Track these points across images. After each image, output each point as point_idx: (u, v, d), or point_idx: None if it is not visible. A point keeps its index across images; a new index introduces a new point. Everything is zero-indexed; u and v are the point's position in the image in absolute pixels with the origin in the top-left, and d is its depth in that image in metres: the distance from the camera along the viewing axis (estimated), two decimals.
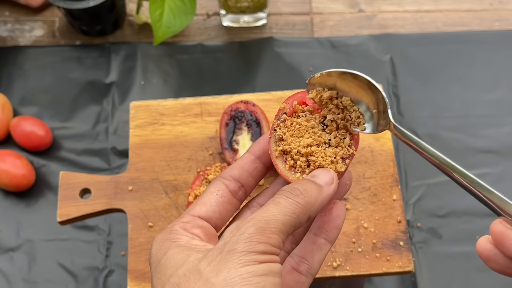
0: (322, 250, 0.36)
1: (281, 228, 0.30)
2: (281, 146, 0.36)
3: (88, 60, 0.87)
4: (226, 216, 0.35)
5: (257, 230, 0.29)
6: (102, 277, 0.73)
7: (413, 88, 0.84)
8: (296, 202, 0.31)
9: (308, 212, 0.32)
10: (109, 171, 0.78)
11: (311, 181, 0.33)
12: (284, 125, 0.37)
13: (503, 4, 0.91)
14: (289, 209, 0.31)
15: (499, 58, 0.86)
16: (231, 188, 0.35)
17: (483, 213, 0.76)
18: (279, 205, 0.31)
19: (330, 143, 0.36)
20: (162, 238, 0.32)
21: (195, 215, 0.34)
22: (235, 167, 0.36)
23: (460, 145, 0.80)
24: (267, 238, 0.29)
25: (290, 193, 0.32)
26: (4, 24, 0.90)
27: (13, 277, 0.73)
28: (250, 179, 0.36)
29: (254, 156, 0.37)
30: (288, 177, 0.36)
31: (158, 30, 0.76)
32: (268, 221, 0.30)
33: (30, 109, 0.83)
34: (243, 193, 0.36)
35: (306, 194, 0.32)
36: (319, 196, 0.32)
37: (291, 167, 0.36)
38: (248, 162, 0.36)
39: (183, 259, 0.30)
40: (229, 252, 0.28)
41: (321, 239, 0.36)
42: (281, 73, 0.85)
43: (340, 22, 0.90)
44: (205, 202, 0.34)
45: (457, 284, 0.72)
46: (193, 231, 0.33)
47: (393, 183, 0.61)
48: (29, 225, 0.76)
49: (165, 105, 0.65)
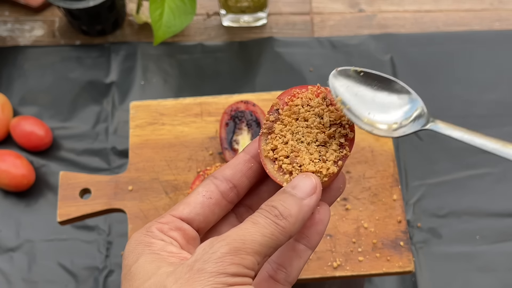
0: (302, 258, 0.33)
1: (257, 250, 0.28)
2: (270, 145, 0.35)
3: (88, 60, 0.86)
4: (211, 219, 0.33)
5: (230, 250, 0.27)
6: (102, 277, 0.73)
7: (413, 88, 0.83)
8: (276, 224, 0.29)
9: (289, 233, 0.30)
10: (109, 171, 0.78)
11: (290, 195, 0.31)
12: (275, 122, 0.35)
13: (504, 4, 0.91)
14: (268, 231, 0.29)
15: (499, 58, 0.86)
16: (221, 189, 0.33)
17: (483, 213, 0.76)
18: (257, 225, 0.29)
19: (322, 143, 0.35)
20: (136, 240, 0.31)
21: (176, 216, 0.32)
22: (228, 166, 0.34)
23: (461, 145, 0.79)
24: (240, 259, 0.27)
25: (269, 213, 0.30)
26: (4, 24, 0.90)
27: (13, 277, 0.72)
28: (244, 179, 0.34)
29: (249, 155, 0.35)
30: (276, 178, 0.34)
31: (158, 30, 0.76)
32: (245, 241, 0.28)
33: (30, 109, 0.83)
34: (235, 195, 0.34)
35: (286, 214, 0.30)
36: (300, 212, 0.30)
37: (279, 168, 0.34)
38: (242, 162, 0.34)
39: (152, 271, 0.28)
40: (198, 271, 0.27)
41: (301, 246, 0.33)
42: (281, 73, 0.85)
43: (340, 22, 0.90)
44: (189, 203, 0.32)
45: (457, 284, 0.72)
46: (171, 233, 0.31)
47: (393, 183, 0.60)
48: (29, 225, 0.75)
49: (165, 105, 0.65)
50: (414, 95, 0.34)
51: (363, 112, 0.34)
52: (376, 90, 0.34)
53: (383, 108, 0.34)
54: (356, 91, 0.34)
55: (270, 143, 0.35)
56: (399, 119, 0.34)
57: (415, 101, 0.34)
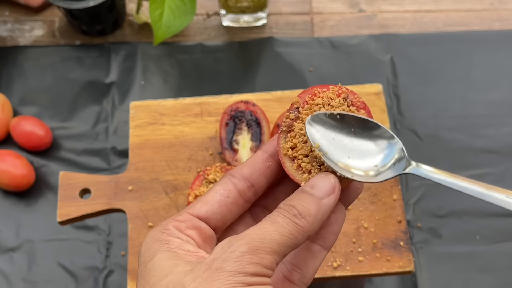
0: (317, 258, 0.33)
1: (276, 249, 0.28)
2: (289, 143, 0.34)
3: (88, 60, 0.86)
4: (228, 218, 0.33)
5: (249, 249, 0.27)
6: (102, 277, 0.73)
7: (413, 88, 0.84)
8: (294, 223, 0.29)
9: (308, 233, 0.29)
10: (109, 171, 0.78)
11: (309, 195, 0.30)
12: (295, 120, 0.35)
13: (504, 4, 0.91)
14: (287, 230, 0.29)
15: (499, 58, 0.86)
16: (239, 188, 0.33)
17: (483, 213, 0.75)
18: (276, 224, 0.29)
19: None
20: (153, 237, 0.30)
21: (193, 214, 0.32)
22: (246, 165, 0.34)
23: (460, 145, 0.80)
24: (260, 258, 0.27)
25: (288, 212, 0.29)
26: (4, 24, 0.90)
27: (13, 277, 0.72)
28: (262, 178, 0.33)
29: (267, 154, 0.34)
30: (295, 176, 0.33)
31: (158, 30, 0.76)
32: (263, 240, 0.28)
33: (30, 109, 0.83)
34: (253, 194, 0.33)
35: (304, 214, 0.29)
36: (318, 212, 0.30)
37: (298, 166, 0.33)
38: (260, 160, 0.34)
39: (169, 269, 0.28)
40: (217, 270, 0.27)
41: (316, 246, 0.33)
42: (281, 73, 0.85)
43: (340, 22, 0.90)
44: (207, 201, 0.32)
45: (457, 284, 0.72)
46: (188, 232, 0.31)
47: (393, 183, 0.60)
48: (29, 225, 0.75)
49: (165, 105, 0.65)
50: (393, 138, 0.33)
51: (341, 157, 0.32)
52: (354, 133, 0.33)
53: (362, 153, 0.33)
54: (333, 136, 0.33)
55: (289, 141, 0.34)
56: (379, 164, 0.33)
57: (393, 144, 0.33)
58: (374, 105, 0.64)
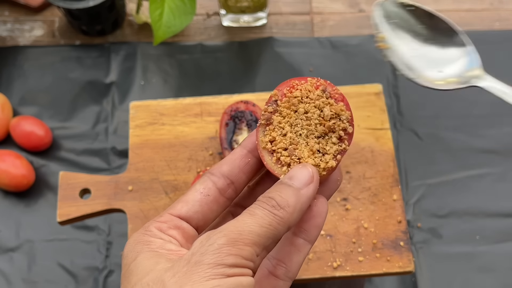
0: (301, 252, 0.33)
1: (255, 240, 0.28)
2: (268, 136, 0.34)
3: (88, 60, 0.86)
4: (210, 216, 0.33)
5: (228, 241, 0.27)
6: (102, 277, 0.73)
7: (414, 88, 0.84)
8: (273, 214, 0.29)
9: (288, 223, 0.29)
10: (109, 171, 0.78)
11: (287, 186, 0.31)
12: (274, 113, 0.35)
13: (504, 4, 0.91)
14: (266, 221, 0.29)
15: (499, 58, 0.86)
16: (219, 186, 0.33)
17: (483, 213, 0.75)
18: (255, 216, 0.29)
19: (321, 136, 0.34)
20: (135, 239, 0.30)
21: (175, 214, 0.32)
22: (225, 162, 0.34)
23: (461, 145, 0.80)
24: (239, 250, 0.27)
25: (266, 204, 0.29)
26: (3, 24, 0.90)
27: (13, 277, 0.72)
28: (241, 175, 0.34)
29: (246, 150, 0.34)
30: (274, 170, 0.33)
31: (158, 30, 0.76)
32: (242, 232, 0.28)
33: (30, 109, 0.83)
34: (233, 191, 0.34)
35: (283, 204, 0.30)
36: (297, 202, 0.30)
37: (277, 160, 0.33)
38: (239, 157, 0.34)
39: (150, 267, 0.28)
40: (196, 263, 0.27)
41: (300, 240, 0.33)
42: (281, 73, 0.85)
43: (340, 22, 0.90)
44: (187, 201, 0.32)
45: (457, 284, 0.72)
46: (170, 232, 0.31)
47: (393, 183, 0.60)
48: (29, 225, 0.75)
49: (165, 105, 0.65)
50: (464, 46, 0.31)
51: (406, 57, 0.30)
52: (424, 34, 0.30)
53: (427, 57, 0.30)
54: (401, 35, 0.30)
55: (268, 135, 0.34)
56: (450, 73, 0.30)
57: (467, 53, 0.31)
58: (374, 105, 0.64)
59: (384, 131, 0.63)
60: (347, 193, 0.60)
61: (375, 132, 0.63)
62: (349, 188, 0.60)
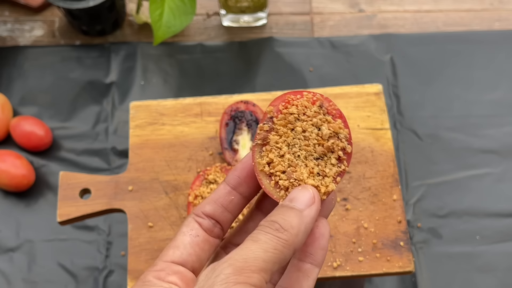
0: (310, 277, 0.32)
1: (262, 266, 0.27)
2: (266, 158, 0.33)
3: (88, 60, 0.86)
4: (203, 256, 0.32)
5: (234, 270, 0.26)
6: (102, 277, 0.73)
7: (414, 88, 0.84)
8: (277, 238, 0.28)
9: (293, 246, 0.29)
10: (109, 171, 0.78)
11: (289, 208, 0.30)
12: (270, 132, 0.33)
13: (504, 4, 0.91)
14: (270, 245, 0.28)
15: (499, 58, 0.86)
16: (205, 226, 0.32)
17: (483, 213, 0.76)
18: (258, 242, 0.28)
19: (320, 157, 0.33)
20: None
21: (169, 261, 0.31)
22: (209, 201, 0.33)
23: (461, 145, 0.80)
24: (246, 277, 0.26)
25: (269, 228, 0.29)
26: (4, 24, 0.90)
27: (13, 277, 0.72)
28: (226, 214, 0.33)
29: (229, 186, 0.33)
30: (273, 194, 0.32)
31: (158, 30, 0.76)
32: (247, 259, 0.27)
33: (30, 109, 0.83)
34: (220, 230, 0.33)
35: (287, 227, 0.29)
36: (301, 224, 0.29)
37: (276, 184, 0.32)
38: (222, 195, 0.33)
39: None
40: None
41: (306, 265, 0.32)
42: (281, 73, 0.85)
43: (340, 22, 0.90)
44: (178, 246, 0.31)
45: (457, 284, 0.72)
46: (169, 279, 0.30)
47: (393, 183, 0.60)
48: (29, 225, 0.75)
49: (165, 105, 0.65)
50: None
51: None
52: None
53: None
54: None
55: (265, 156, 0.33)
56: None
57: None
58: (374, 105, 0.64)
59: (384, 131, 0.63)
60: (347, 193, 0.60)
61: (375, 132, 0.63)
62: (349, 188, 0.60)
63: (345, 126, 0.33)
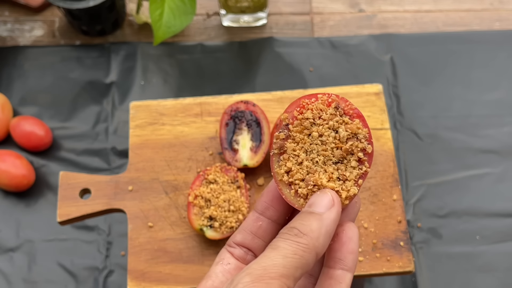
0: (343, 283, 0.31)
1: (282, 272, 0.27)
2: (284, 167, 0.32)
3: (88, 60, 0.86)
4: None
5: (253, 278, 0.26)
6: (102, 277, 0.73)
7: (414, 88, 0.84)
8: (297, 242, 0.28)
9: (314, 249, 0.28)
10: (109, 171, 0.78)
11: (308, 213, 0.30)
12: (286, 140, 0.32)
13: (504, 4, 0.91)
14: (290, 251, 0.27)
15: (500, 58, 0.86)
16: (237, 255, 0.33)
17: (483, 213, 0.75)
18: (277, 249, 0.28)
19: (340, 160, 0.32)
20: None
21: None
22: (239, 230, 0.34)
23: (461, 145, 0.80)
24: (265, 284, 0.26)
25: (288, 234, 0.29)
26: (4, 24, 0.90)
27: (13, 277, 0.72)
28: (256, 240, 0.33)
29: (257, 213, 0.33)
30: (294, 204, 0.32)
31: (158, 30, 0.76)
32: (266, 267, 0.27)
33: (30, 109, 0.83)
34: (252, 257, 0.33)
35: (306, 231, 0.28)
36: (321, 227, 0.29)
37: (296, 192, 0.32)
38: (251, 223, 0.33)
39: None
40: None
41: (337, 271, 0.31)
42: (281, 73, 0.85)
43: (340, 22, 0.90)
44: (210, 275, 0.32)
45: (457, 284, 0.72)
46: None
47: (393, 183, 0.60)
48: (29, 225, 0.75)
49: (165, 105, 0.65)
50: None
51: None
52: None
53: None
54: None
55: (283, 165, 0.32)
56: None
57: None
58: (374, 105, 0.64)
59: (384, 131, 0.63)
60: None
61: (375, 132, 0.63)
62: None
63: (363, 125, 0.32)
